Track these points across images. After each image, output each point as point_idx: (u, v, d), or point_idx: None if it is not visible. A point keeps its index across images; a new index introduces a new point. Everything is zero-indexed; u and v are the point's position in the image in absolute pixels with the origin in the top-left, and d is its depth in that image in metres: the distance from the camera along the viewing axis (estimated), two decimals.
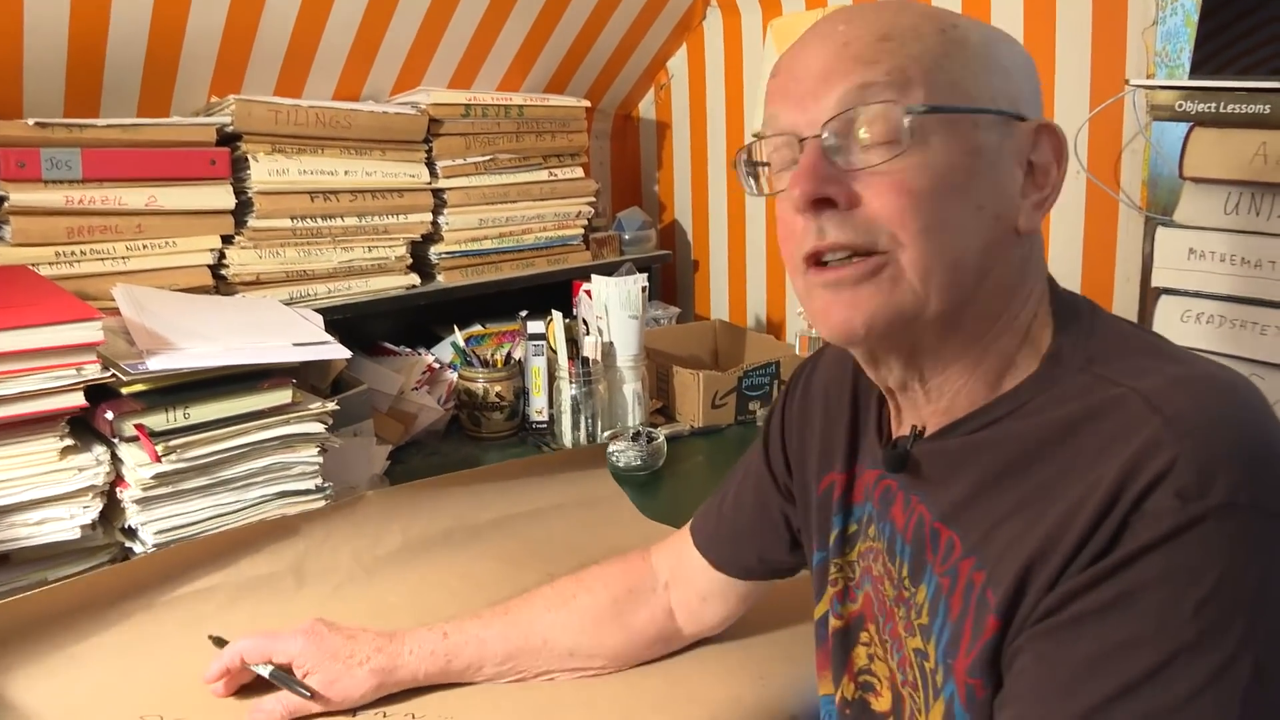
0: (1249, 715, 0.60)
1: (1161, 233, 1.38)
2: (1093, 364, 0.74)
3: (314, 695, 1.06)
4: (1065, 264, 1.79)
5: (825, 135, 0.74)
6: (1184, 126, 1.36)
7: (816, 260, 0.75)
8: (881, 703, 0.87)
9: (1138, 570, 0.63)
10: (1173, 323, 1.37)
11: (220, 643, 1.14)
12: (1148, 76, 1.59)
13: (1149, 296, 1.42)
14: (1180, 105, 1.32)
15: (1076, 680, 0.64)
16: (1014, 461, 0.74)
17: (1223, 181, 1.31)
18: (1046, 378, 0.75)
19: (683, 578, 1.14)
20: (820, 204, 0.73)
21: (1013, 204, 0.76)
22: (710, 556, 1.11)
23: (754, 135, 0.82)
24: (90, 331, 1.28)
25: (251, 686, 1.11)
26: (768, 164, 0.81)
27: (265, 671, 1.08)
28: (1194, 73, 1.35)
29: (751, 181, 0.83)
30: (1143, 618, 0.62)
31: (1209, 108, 1.30)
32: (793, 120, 0.76)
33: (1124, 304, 1.71)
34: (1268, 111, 1.25)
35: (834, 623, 0.93)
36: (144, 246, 1.74)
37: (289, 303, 1.83)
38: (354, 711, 1.08)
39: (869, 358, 0.82)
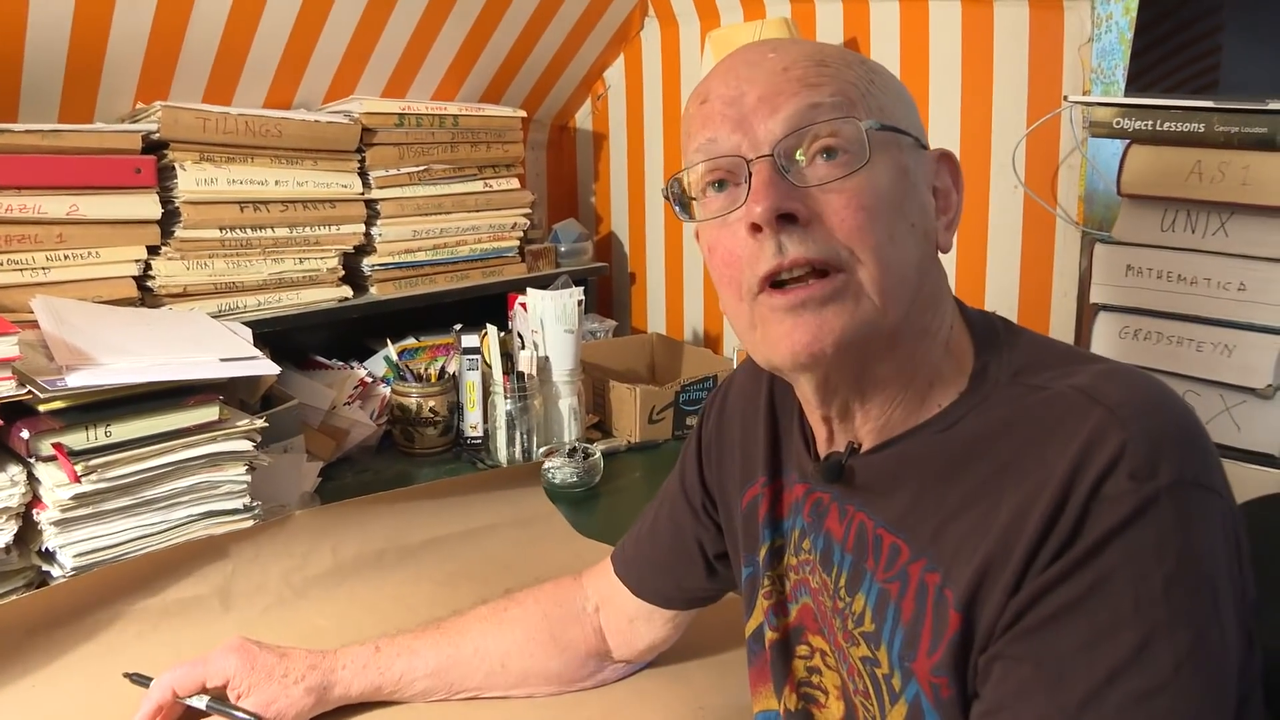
0: (1224, 676, 0.64)
1: (1100, 249, 1.40)
2: (1019, 376, 0.76)
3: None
4: (1003, 279, 1.80)
5: (778, 154, 0.74)
6: (1119, 143, 1.38)
7: (772, 281, 0.74)
8: (829, 713, 0.87)
9: (1107, 556, 0.65)
10: (1111, 338, 1.38)
11: (141, 680, 1.09)
12: (1084, 93, 1.60)
13: (1087, 312, 1.43)
14: (1118, 123, 1.34)
15: (1065, 673, 0.65)
16: (954, 462, 0.75)
17: (1159, 199, 1.33)
18: (977, 394, 0.77)
19: (611, 601, 1.13)
20: (781, 220, 0.73)
21: (934, 224, 0.80)
22: (630, 584, 1.11)
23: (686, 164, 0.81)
24: (5, 346, 1.24)
25: None
26: (695, 196, 0.81)
27: (201, 703, 1.04)
28: (1129, 89, 1.37)
29: (685, 211, 0.82)
30: (1119, 601, 0.64)
31: (1146, 125, 1.31)
32: (735, 143, 0.76)
33: (1062, 319, 1.72)
34: (1202, 130, 1.27)
35: (770, 635, 0.93)
36: (65, 257, 1.68)
37: (217, 315, 1.79)
38: None
39: (821, 383, 0.81)
